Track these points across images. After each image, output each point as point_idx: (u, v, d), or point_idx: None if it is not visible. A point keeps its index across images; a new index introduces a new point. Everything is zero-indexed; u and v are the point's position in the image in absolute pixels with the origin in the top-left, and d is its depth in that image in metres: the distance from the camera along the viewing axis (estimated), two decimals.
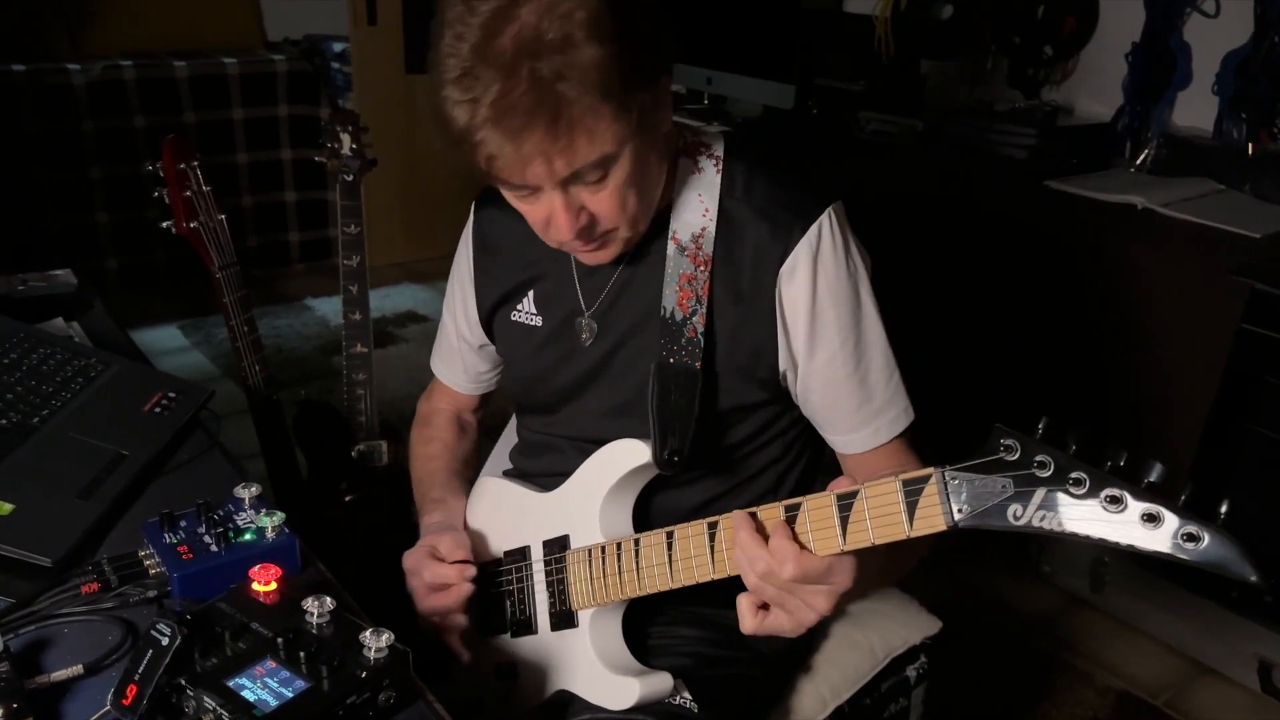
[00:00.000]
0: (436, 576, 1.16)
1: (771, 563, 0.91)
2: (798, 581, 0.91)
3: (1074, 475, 0.76)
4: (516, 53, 0.88)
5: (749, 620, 0.96)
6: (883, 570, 1.04)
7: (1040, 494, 0.78)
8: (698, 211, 1.11)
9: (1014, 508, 0.79)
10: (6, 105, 3.42)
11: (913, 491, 0.85)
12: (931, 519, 0.84)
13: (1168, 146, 2.55)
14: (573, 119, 0.90)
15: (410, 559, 1.20)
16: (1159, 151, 2.55)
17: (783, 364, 1.13)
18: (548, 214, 1.00)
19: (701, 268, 1.10)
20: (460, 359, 1.38)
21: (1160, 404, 2.21)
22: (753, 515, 0.96)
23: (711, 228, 1.11)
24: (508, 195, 1.03)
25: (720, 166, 1.13)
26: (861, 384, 1.13)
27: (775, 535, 0.92)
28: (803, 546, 0.91)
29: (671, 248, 1.11)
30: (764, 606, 0.96)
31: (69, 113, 3.56)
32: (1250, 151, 2.42)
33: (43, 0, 3.67)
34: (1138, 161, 2.57)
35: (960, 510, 0.82)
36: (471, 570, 1.17)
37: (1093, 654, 2.25)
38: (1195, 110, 2.61)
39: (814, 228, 1.08)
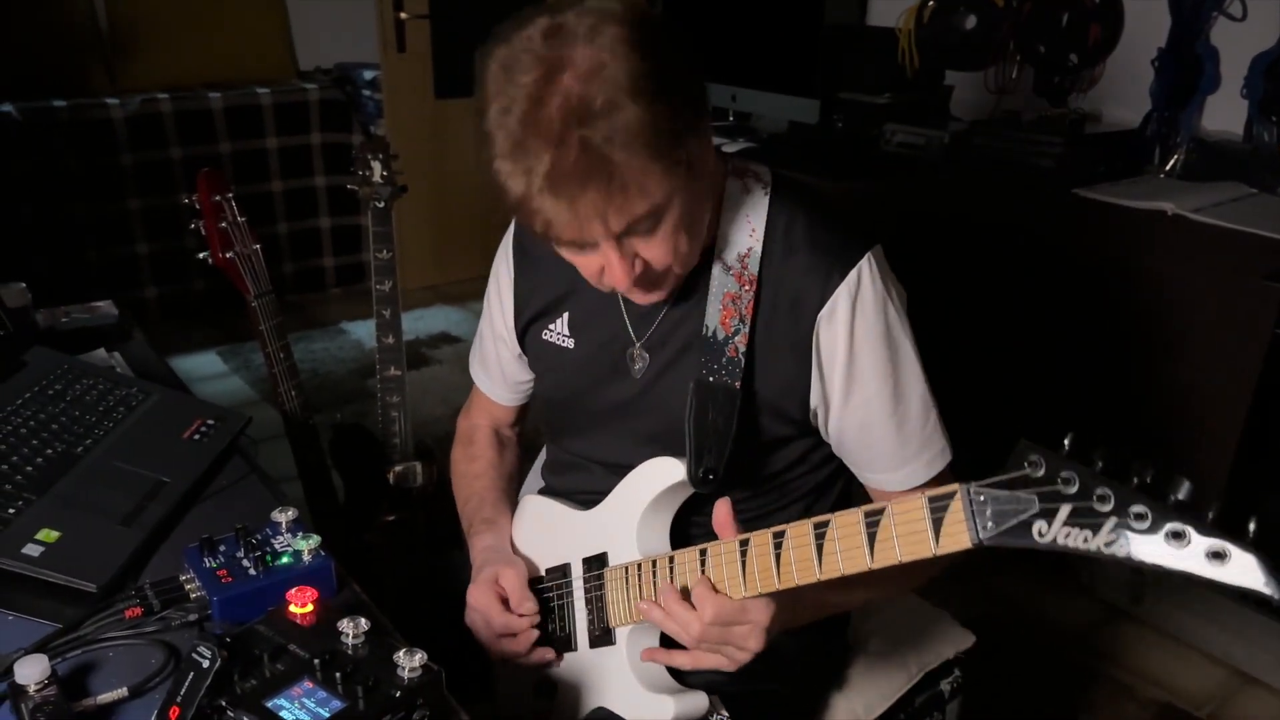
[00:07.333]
0: (506, 627, 1.19)
1: (692, 616, 1.01)
2: (717, 624, 1.00)
3: (1099, 492, 0.75)
4: (565, 122, 0.89)
5: (680, 657, 1.07)
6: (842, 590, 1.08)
7: (1065, 511, 0.77)
8: (745, 232, 1.12)
9: (1039, 525, 0.78)
10: (48, 140, 3.51)
11: (939, 509, 0.85)
12: (957, 536, 0.84)
13: (1197, 151, 2.52)
14: (625, 180, 0.91)
15: (477, 597, 1.21)
16: (1189, 156, 2.52)
17: (814, 402, 1.13)
18: (602, 265, 1.02)
19: (746, 287, 1.10)
20: (500, 368, 1.38)
21: (1195, 412, 2.18)
22: (670, 560, 1.07)
23: (758, 248, 1.11)
24: (562, 251, 1.04)
25: (768, 191, 1.13)
26: (900, 426, 1.13)
27: (697, 587, 1.02)
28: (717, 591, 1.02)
29: (717, 267, 1.12)
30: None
31: (108, 146, 3.64)
32: None
33: (82, 38, 3.77)
34: (1167, 167, 2.55)
35: (985, 528, 0.82)
36: (536, 618, 1.20)
37: (1133, 666, 2.22)
38: (1225, 114, 2.59)
39: (854, 272, 1.08)
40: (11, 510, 1.09)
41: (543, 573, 1.26)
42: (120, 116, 3.65)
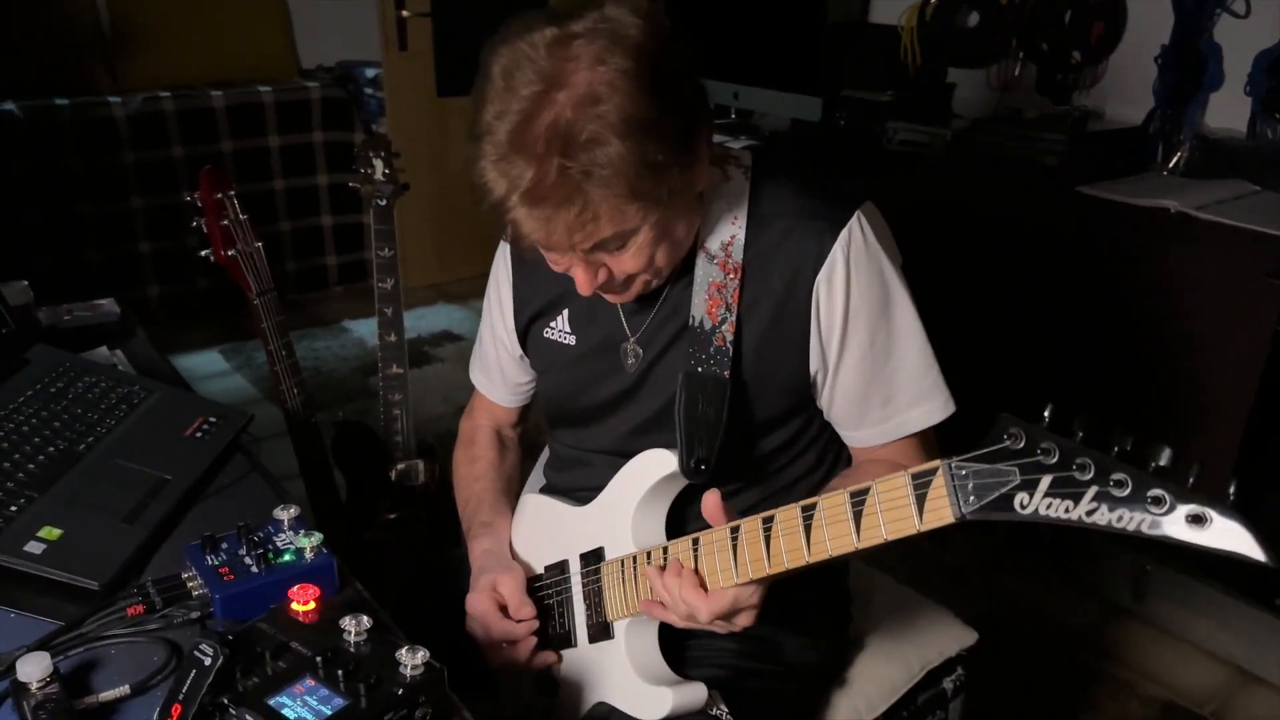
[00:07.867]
0: (505, 634, 1.20)
1: (689, 610, 1.04)
2: (716, 618, 1.03)
3: (1079, 461, 0.75)
4: (548, 144, 0.91)
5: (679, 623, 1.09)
6: None
7: (1046, 482, 0.76)
8: (727, 220, 1.12)
9: (1020, 496, 0.78)
10: (51, 139, 3.51)
11: (921, 485, 0.86)
12: (940, 511, 0.84)
13: (1201, 149, 2.52)
14: (598, 211, 0.95)
15: (476, 605, 1.22)
16: (1192, 154, 2.52)
17: (813, 366, 1.13)
18: (568, 267, 1.05)
19: (731, 275, 1.11)
20: (500, 370, 1.39)
21: (1199, 409, 2.18)
22: (665, 552, 1.08)
23: (741, 235, 1.11)
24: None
25: (749, 175, 1.14)
26: (890, 380, 1.13)
27: (685, 587, 1.04)
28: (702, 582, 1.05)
29: (700, 257, 1.12)
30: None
31: (110, 145, 3.64)
32: None
33: (84, 37, 3.77)
34: (1170, 165, 2.54)
35: (967, 501, 0.82)
36: (535, 624, 1.21)
37: (1136, 664, 2.22)
38: (1228, 111, 2.58)
39: (845, 231, 1.08)
40: (14, 508, 1.09)
41: (541, 571, 1.26)
42: (122, 115, 3.64)
